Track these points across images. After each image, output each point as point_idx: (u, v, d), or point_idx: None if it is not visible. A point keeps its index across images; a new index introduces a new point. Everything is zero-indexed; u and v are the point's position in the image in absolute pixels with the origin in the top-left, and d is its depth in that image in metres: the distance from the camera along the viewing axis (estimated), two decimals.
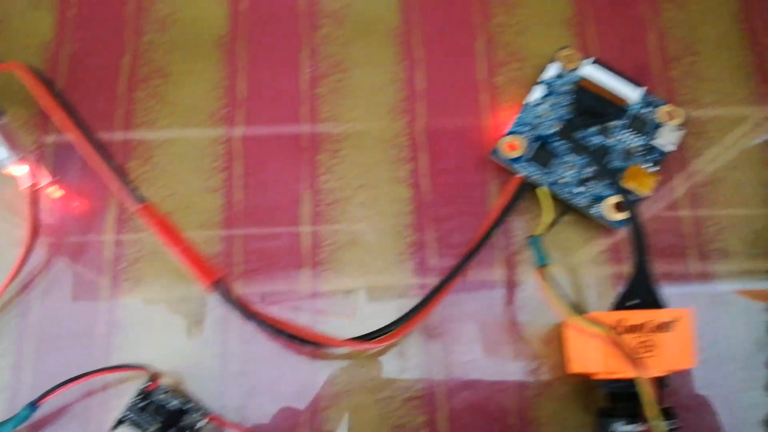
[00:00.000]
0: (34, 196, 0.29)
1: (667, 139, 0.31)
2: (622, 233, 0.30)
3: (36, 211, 0.29)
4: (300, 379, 0.29)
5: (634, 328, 0.25)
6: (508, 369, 0.29)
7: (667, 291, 0.27)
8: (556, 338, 0.29)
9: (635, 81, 0.31)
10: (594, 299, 0.30)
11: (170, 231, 0.26)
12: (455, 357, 0.29)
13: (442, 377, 0.29)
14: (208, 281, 0.25)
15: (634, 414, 0.25)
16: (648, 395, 0.23)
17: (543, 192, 0.30)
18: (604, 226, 0.30)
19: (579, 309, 0.25)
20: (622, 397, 0.26)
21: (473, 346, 0.29)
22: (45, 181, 0.30)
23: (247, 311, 0.25)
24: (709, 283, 0.30)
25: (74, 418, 0.28)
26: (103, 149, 0.30)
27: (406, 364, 0.29)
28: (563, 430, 0.28)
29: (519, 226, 0.31)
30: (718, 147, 0.32)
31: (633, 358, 0.24)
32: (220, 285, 0.25)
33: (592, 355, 0.25)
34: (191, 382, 0.29)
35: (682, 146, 0.32)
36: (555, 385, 0.29)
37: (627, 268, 0.29)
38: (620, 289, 0.27)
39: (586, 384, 0.29)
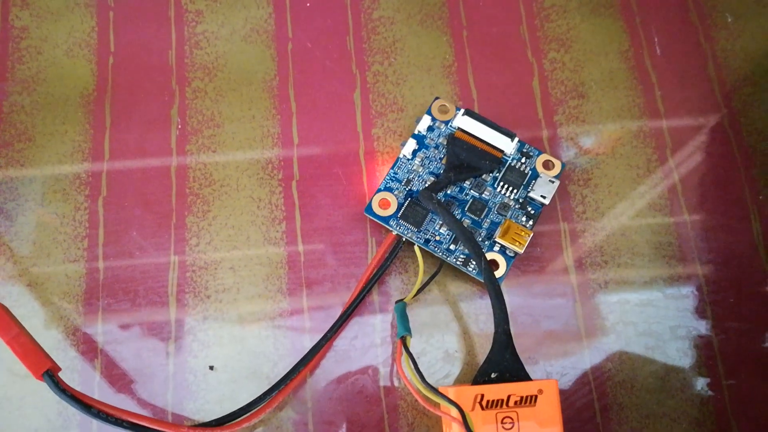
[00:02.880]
0: None
1: (542, 191, 0.29)
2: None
3: None
4: None
5: (495, 403, 0.24)
6: None
7: None
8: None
9: (508, 131, 0.30)
10: (473, 361, 0.29)
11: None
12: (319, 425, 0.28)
13: None
14: (36, 373, 0.23)
15: None
16: None
17: (417, 251, 0.29)
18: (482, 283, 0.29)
19: (431, 385, 0.24)
20: None
21: (338, 414, 0.28)
22: None
23: (82, 404, 0.23)
24: None
25: None
26: None
27: None
28: None
29: (396, 286, 0.30)
30: (603, 195, 0.31)
31: None
32: (51, 376, 0.24)
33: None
34: None
35: (562, 196, 0.31)
36: None
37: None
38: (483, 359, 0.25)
39: None
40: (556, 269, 0.30)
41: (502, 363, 0.25)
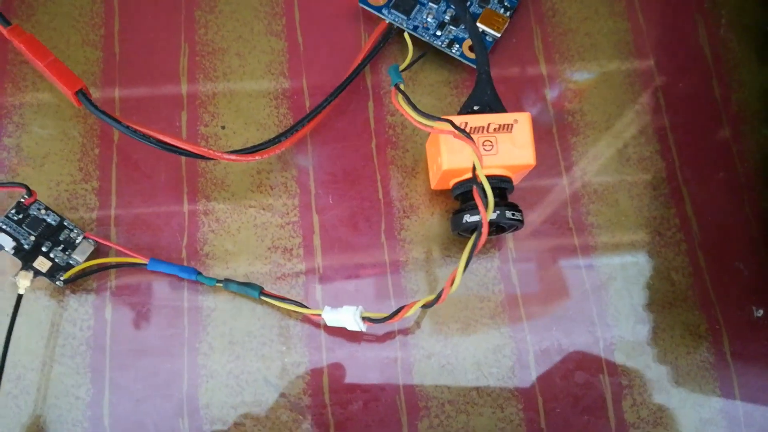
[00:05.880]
0: None
1: None
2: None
3: None
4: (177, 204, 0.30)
5: (478, 130, 0.28)
6: (373, 189, 0.31)
7: None
8: (422, 163, 0.32)
9: None
10: None
11: (37, 47, 0.27)
12: (320, 175, 0.31)
13: (311, 201, 0.31)
14: (71, 90, 0.26)
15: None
16: (483, 176, 0.26)
17: (407, 35, 0.32)
18: (462, 64, 0.33)
19: (423, 112, 0.27)
20: (469, 195, 0.28)
21: (337, 168, 0.31)
22: None
23: (112, 118, 0.26)
24: None
25: None
26: None
27: (282, 197, 0.31)
28: (430, 242, 0.31)
29: (387, 72, 0.33)
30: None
31: (473, 142, 0.26)
32: (84, 94, 0.26)
33: (442, 156, 0.28)
34: (71, 211, 0.30)
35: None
36: (422, 208, 0.31)
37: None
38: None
39: (450, 202, 0.31)
40: (527, 58, 0.34)
41: (483, 98, 0.28)
